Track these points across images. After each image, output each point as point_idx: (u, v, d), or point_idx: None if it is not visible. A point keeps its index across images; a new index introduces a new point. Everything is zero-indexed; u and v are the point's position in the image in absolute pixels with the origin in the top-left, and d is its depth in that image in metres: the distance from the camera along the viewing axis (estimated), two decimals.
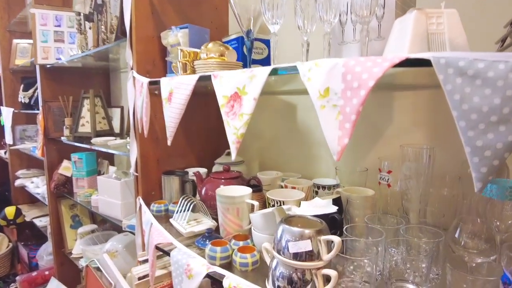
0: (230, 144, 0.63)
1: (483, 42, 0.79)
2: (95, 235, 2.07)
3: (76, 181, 2.05)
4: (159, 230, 0.96)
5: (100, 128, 1.92)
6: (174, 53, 1.15)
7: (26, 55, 2.83)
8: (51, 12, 2.01)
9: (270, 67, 0.58)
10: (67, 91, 2.15)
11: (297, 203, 0.86)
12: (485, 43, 0.80)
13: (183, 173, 1.25)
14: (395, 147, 0.97)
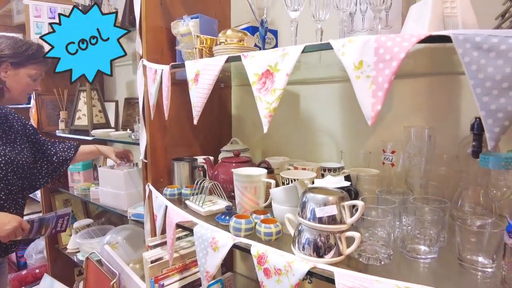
0: (262, 118, 0.68)
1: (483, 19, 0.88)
2: (91, 229, 2.06)
3: (72, 175, 2.04)
4: (177, 211, 0.99)
5: (97, 121, 1.92)
6: (185, 42, 1.18)
7: None
8: (45, 4, 1.99)
9: (303, 45, 0.64)
10: (60, 84, 2.13)
11: (311, 181, 0.92)
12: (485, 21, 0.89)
13: (192, 159, 1.29)
14: (396, 130, 1.05)
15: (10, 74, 1.27)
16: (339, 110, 1.24)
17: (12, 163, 1.28)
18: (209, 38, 0.97)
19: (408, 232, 0.77)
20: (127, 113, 2.13)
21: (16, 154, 1.31)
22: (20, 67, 1.28)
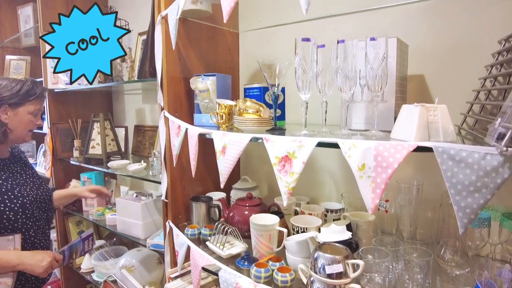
0: (282, 194, 0.83)
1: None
2: (104, 250, 2.19)
3: (85, 200, 2.16)
4: (201, 254, 1.14)
5: (110, 149, 2.05)
6: (203, 97, 1.33)
7: (20, 72, 2.87)
8: None
9: (316, 140, 0.79)
10: (72, 112, 2.26)
11: (317, 229, 1.08)
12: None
13: (208, 198, 1.44)
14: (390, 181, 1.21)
15: (10, 115, 1.31)
16: (339, 153, 1.39)
17: (36, 201, 1.40)
18: (228, 105, 1.11)
19: (399, 277, 0.93)
20: (137, 140, 2.26)
21: (36, 189, 1.44)
22: (18, 107, 1.32)
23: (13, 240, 1.30)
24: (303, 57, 0.94)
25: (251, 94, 1.31)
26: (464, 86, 1.11)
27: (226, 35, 1.60)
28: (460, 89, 1.12)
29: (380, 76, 0.91)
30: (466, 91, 1.09)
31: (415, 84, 1.20)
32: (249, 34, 1.65)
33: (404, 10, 1.21)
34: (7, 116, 1.31)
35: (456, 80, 1.13)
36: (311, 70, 0.96)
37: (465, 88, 1.10)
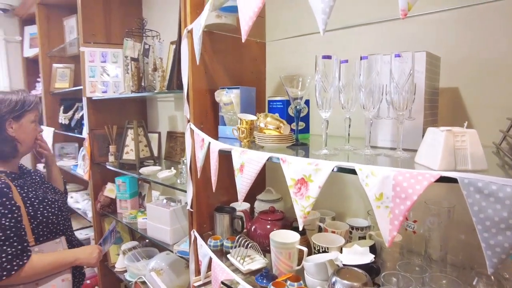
0: (297, 218, 0.82)
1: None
2: (136, 251, 2.28)
3: (120, 202, 2.26)
4: (221, 267, 1.15)
5: (143, 155, 2.13)
6: (227, 110, 1.34)
7: (65, 79, 3.06)
8: (98, 49, 2.22)
9: (333, 164, 0.77)
10: (107, 119, 2.37)
11: (339, 249, 1.05)
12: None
13: (231, 209, 1.44)
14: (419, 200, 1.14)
15: (15, 128, 1.36)
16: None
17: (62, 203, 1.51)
18: (250, 120, 1.11)
19: None
20: (169, 145, 2.33)
21: (55, 193, 1.54)
22: (21, 118, 1.37)
23: (60, 242, 1.43)
24: (324, 74, 0.92)
25: (274, 107, 1.30)
26: (504, 100, 1.02)
27: (252, 46, 1.60)
28: (498, 103, 1.03)
29: (406, 94, 0.86)
30: (506, 106, 1.00)
31: (448, 97, 1.13)
32: (276, 44, 1.64)
33: (437, 19, 1.14)
34: (13, 129, 1.36)
35: (494, 94, 1.04)
36: (332, 87, 0.93)
37: (505, 102, 1.01)
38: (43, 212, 1.35)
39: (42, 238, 1.34)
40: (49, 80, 3.07)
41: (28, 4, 3.18)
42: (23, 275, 1.23)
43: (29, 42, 3.47)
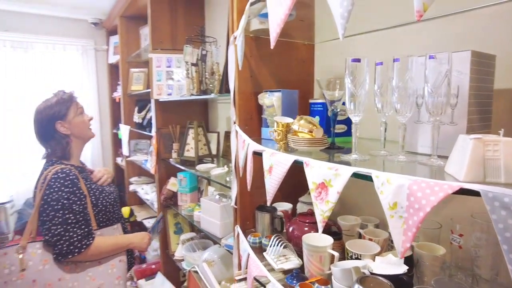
0: (317, 222, 0.83)
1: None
2: (194, 242, 2.45)
3: (180, 196, 2.45)
4: (256, 263, 1.20)
5: (202, 153, 2.28)
6: (269, 112, 1.38)
7: (140, 82, 3.40)
8: (164, 55, 2.43)
9: (352, 170, 0.76)
10: (172, 119, 2.57)
11: (373, 257, 1.02)
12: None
13: (272, 209, 1.48)
14: (467, 208, 1.05)
15: (67, 126, 1.52)
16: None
17: (115, 200, 1.69)
18: (286, 123, 1.13)
19: None
20: (226, 144, 2.45)
21: (113, 190, 1.72)
22: (67, 116, 1.53)
23: (117, 228, 1.64)
24: (354, 78, 0.90)
25: (315, 109, 1.30)
26: None
27: (299, 48, 1.61)
28: None
29: (442, 97, 0.80)
30: None
31: (507, 100, 1.01)
32: (325, 46, 1.62)
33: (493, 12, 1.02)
34: (66, 128, 1.53)
35: None
36: (362, 90, 0.91)
37: None
38: (103, 202, 1.55)
39: (102, 224, 1.54)
40: (127, 83, 3.45)
41: (112, 17, 3.61)
42: (89, 253, 1.43)
43: (113, 50, 3.93)
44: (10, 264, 1.35)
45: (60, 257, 1.39)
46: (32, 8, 3.51)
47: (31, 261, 1.38)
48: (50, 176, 1.42)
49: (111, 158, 4.16)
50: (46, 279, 1.38)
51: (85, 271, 1.46)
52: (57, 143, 1.53)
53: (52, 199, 1.39)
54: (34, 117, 1.54)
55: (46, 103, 1.54)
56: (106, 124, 4.11)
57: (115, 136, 4.03)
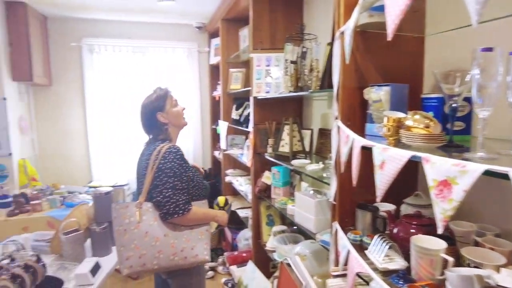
0: (437, 221, 0.78)
1: None
2: (284, 235, 2.52)
3: (274, 189, 2.54)
4: (358, 260, 1.19)
5: (296, 149, 2.33)
6: (376, 108, 1.35)
7: (238, 81, 3.60)
8: (263, 55, 2.54)
9: (483, 167, 0.70)
10: (268, 116, 2.67)
11: (496, 268, 0.92)
12: None
13: (374, 208, 1.44)
14: None
15: (165, 116, 1.78)
16: None
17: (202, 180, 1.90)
18: (397, 118, 1.09)
19: None
20: (320, 142, 2.46)
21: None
22: (164, 107, 1.78)
23: (205, 203, 1.85)
24: (483, 70, 0.83)
25: (428, 105, 1.23)
26: None
27: (409, 42, 1.53)
28: None
29: None
30: None
31: None
32: (436, 38, 1.50)
33: None
34: (164, 117, 1.78)
35: None
36: (494, 81, 0.83)
37: None
38: (197, 179, 1.80)
39: (194, 197, 1.77)
40: (226, 82, 3.69)
41: (214, 21, 3.90)
42: (188, 217, 1.67)
43: (214, 52, 4.24)
44: (130, 216, 1.63)
45: (168, 216, 1.63)
46: (150, 17, 4.02)
47: (145, 216, 1.65)
48: (164, 150, 1.69)
49: (209, 151, 4.51)
50: (155, 232, 1.64)
51: (182, 233, 1.70)
52: (159, 130, 1.80)
53: (166, 168, 1.65)
54: (140, 110, 1.85)
55: (148, 98, 1.82)
56: (207, 120, 4.47)
57: (213, 131, 4.36)
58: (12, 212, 2.94)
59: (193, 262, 1.71)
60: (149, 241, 1.62)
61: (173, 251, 1.65)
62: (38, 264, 1.49)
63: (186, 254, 1.68)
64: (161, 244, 1.63)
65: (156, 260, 1.63)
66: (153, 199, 1.67)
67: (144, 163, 1.77)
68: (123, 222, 1.63)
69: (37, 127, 3.99)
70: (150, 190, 1.68)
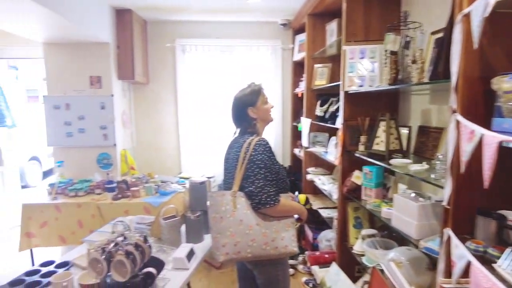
0: None
1: None
2: (375, 239, 2.36)
3: (365, 190, 2.40)
4: (486, 275, 1.03)
5: (393, 147, 2.16)
6: (508, 99, 1.16)
7: (323, 77, 3.51)
8: (357, 47, 2.42)
9: None
10: (360, 111, 2.53)
11: None
12: None
13: (500, 216, 1.25)
14: None
15: (255, 111, 1.83)
16: None
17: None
18: None
19: None
20: (419, 140, 2.24)
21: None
22: (256, 103, 1.82)
23: (289, 196, 1.87)
24: None
25: None
26: None
27: None
28: None
29: None
30: None
31: None
32: None
33: None
34: (254, 112, 1.83)
35: None
36: None
37: None
38: (282, 172, 1.81)
39: (279, 190, 1.77)
40: (311, 78, 3.62)
41: (300, 17, 3.86)
42: (278, 208, 1.69)
43: (298, 48, 4.20)
44: (226, 204, 1.70)
45: (260, 206, 1.67)
46: (237, 17, 4.14)
47: (239, 204, 1.70)
48: (254, 143, 1.73)
49: (289, 148, 4.50)
50: (249, 221, 1.68)
51: (271, 223, 1.72)
52: (247, 123, 1.85)
53: (257, 159, 1.69)
54: (232, 102, 1.91)
55: (242, 92, 1.88)
56: (287, 117, 4.46)
57: (294, 129, 4.33)
58: (116, 196, 3.29)
59: (283, 252, 1.72)
60: (243, 229, 1.66)
61: (265, 240, 1.68)
62: (146, 244, 1.62)
63: (277, 244, 1.70)
64: (254, 233, 1.67)
65: (249, 249, 1.66)
66: (245, 189, 1.71)
67: (233, 154, 1.82)
68: (219, 210, 1.69)
69: (135, 121, 4.41)
70: (242, 181, 1.72)
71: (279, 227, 1.73)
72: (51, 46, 3.67)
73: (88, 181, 3.54)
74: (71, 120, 3.72)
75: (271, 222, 1.72)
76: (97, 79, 3.70)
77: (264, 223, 1.70)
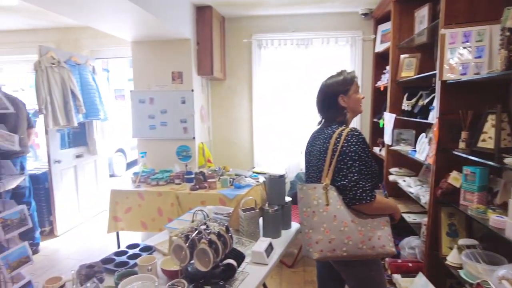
0: None
1: None
2: (475, 251, 2.04)
3: (464, 193, 2.09)
4: None
5: (504, 145, 1.84)
6: None
7: (411, 68, 3.19)
8: (459, 30, 2.11)
9: None
10: (460, 104, 2.21)
11: None
12: None
13: None
14: None
15: (346, 100, 1.71)
16: None
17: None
18: None
19: None
20: None
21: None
22: (348, 92, 1.71)
23: (381, 192, 1.70)
24: None
25: None
26: None
27: None
28: None
29: None
30: None
31: None
32: None
33: None
34: (344, 101, 1.71)
35: None
36: None
37: None
38: (374, 166, 1.66)
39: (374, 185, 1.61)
40: (396, 70, 3.32)
41: (385, 4, 3.56)
42: (374, 205, 1.54)
43: (380, 39, 3.90)
44: (318, 197, 1.58)
45: (355, 201, 1.54)
46: (316, 8, 3.99)
47: (332, 199, 1.57)
48: (346, 133, 1.61)
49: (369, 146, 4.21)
50: (343, 217, 1.55)
51: (366, 221, 1.58)
52: (337, 112, 1.74)
53: (350, 151, 1.56)
54: (322, 88, 1.79)
55: (333, 79, 1.77)
56: (367, 113, 4.18)
57: (374, 125, 4.04)
58: (194, 187, 3.40)
59: (380, 253, 1.57)
60: (338, 226, 1.53)
61: (361, 239, 1.53)
62: (228, 234, 1.59)
63: (374, 244, 1.55)
64: (350, 230, 1.53)
65: (345, 247, 1.53)
66: (337, 183, 1.58)
67: (320, 146, 1.70)
68: (311, 204, 1.58)
69: (212, 115, 4.54)
70: (333, 174, 1.59)
71: (374, 225, 1.58)
72: (137, 44, 3.94)
73: (168, 172, 3.73)
74: (154, 113, 3.95)
75: (365, 220, 1.57)
76: (178, 75, 3.88)
77: (359, 220, 1.56)
